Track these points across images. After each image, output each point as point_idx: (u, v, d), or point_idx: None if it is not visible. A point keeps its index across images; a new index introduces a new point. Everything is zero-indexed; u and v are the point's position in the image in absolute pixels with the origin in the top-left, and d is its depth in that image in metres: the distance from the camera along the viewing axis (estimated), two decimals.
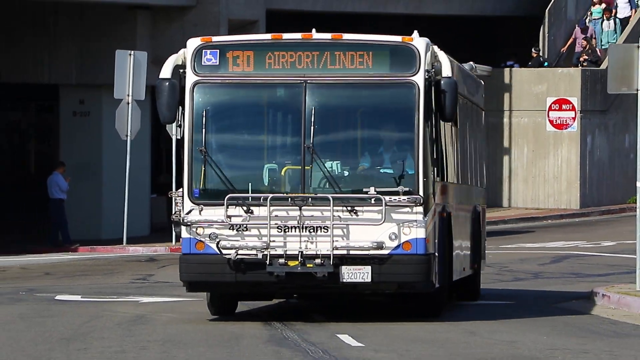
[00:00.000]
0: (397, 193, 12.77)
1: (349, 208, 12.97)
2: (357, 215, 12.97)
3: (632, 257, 17.59)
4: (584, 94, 29.96)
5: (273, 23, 30.69)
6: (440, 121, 13.47)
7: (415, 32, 14.15)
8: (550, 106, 31.03)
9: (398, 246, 12.91)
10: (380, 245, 12.88)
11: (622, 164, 31.62)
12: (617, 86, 16.69)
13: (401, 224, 12.96)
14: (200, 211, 12.85)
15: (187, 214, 12.94)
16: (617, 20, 32.82)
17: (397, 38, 13.75)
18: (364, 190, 12.99)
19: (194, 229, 12.98)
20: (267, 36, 14.30)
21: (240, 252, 12.81)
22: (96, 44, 31.38)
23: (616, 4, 34.30)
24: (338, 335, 12.55)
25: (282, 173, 13.45)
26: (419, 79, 12.90)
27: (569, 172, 30.55)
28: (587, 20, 33.90)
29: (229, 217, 12.77)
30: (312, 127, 13.22)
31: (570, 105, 29.22)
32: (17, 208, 34.27)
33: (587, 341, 12.71)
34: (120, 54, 28.44)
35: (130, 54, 28.56)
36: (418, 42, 13.19)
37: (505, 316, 14.91)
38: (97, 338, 13.35)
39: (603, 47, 31.22)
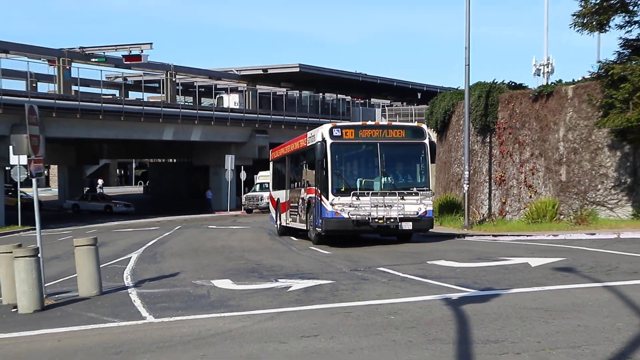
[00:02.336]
0: (423, 190, 18.50)
1: (402, 197, 18.52)
2: (405, 200, 18.52)
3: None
4: None
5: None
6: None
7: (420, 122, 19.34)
8: None
9: (422, 213, 18.56)
10: (416, 213, 18.48)
11: None
12: None
13: (423, 204, 18.60)
14: (339, 198, 18.21)
15: (332, 200, 18.22)
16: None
17: (415, 124, 19.35)
18: (410, 189, 18.65)
19: (334, 206, 17.99)
20: (360, 123, 19.19)
21: (357, 216, 18.22)
22: (220, 153, 51.61)
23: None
24: (308, 246, 17.78)
25: (369, 182, 18.74)
26: (427, 141, 18.68)
27: None
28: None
29: (352, 201, 18.21)
30: (383, 162, 18.48)
31: None
32: (194, 201, 60.13)
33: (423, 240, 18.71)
34: (227, 156, 48.93)
35: (230, 156, 48.77)
36: (424, 126, 19.13)
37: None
38: (221, 239, 20.26)
39: None
